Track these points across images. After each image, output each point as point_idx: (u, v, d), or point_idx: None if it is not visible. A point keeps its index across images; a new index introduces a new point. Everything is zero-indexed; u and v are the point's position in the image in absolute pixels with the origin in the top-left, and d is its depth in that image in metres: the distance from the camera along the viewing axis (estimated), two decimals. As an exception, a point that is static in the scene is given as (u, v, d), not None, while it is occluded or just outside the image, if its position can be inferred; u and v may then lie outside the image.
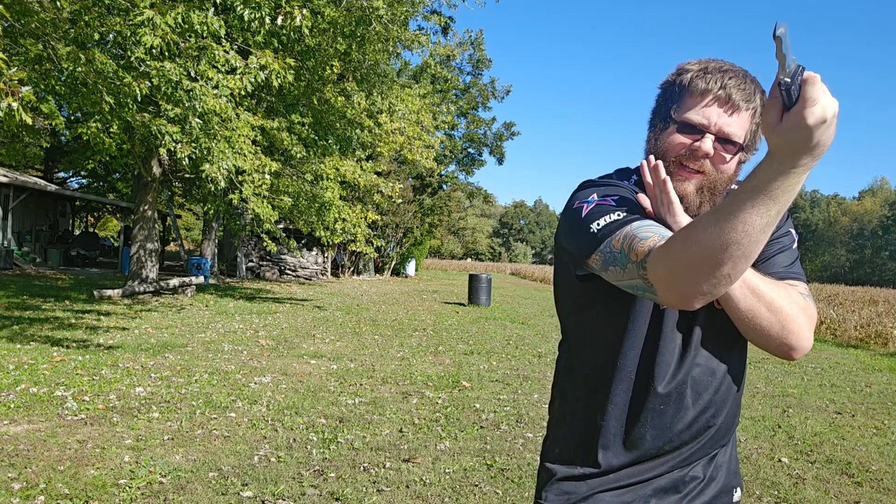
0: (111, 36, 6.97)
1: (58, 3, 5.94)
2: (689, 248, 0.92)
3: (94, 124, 7.65)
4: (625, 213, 1.12)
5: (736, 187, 1.29)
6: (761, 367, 8.44)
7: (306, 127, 11.50)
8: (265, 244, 11.74)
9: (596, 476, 1.25)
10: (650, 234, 1.05)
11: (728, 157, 1.18)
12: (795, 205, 76.13)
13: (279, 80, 6.80)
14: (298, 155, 11.03)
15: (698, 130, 1.17)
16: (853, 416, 5.86)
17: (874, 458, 4.52)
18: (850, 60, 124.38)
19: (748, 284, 1.09)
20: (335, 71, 10.62)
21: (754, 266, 1.17)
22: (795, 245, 1.30)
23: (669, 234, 1.05)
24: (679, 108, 1.19)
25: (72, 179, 29.51)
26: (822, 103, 0.80)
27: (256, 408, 5.05)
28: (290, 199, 11.88)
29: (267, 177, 9.20)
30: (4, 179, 17.18)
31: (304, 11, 6.62)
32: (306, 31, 6.82)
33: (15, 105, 4.71)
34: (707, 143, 1.16)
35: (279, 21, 6.54)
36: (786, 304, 1.12)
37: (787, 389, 6.97)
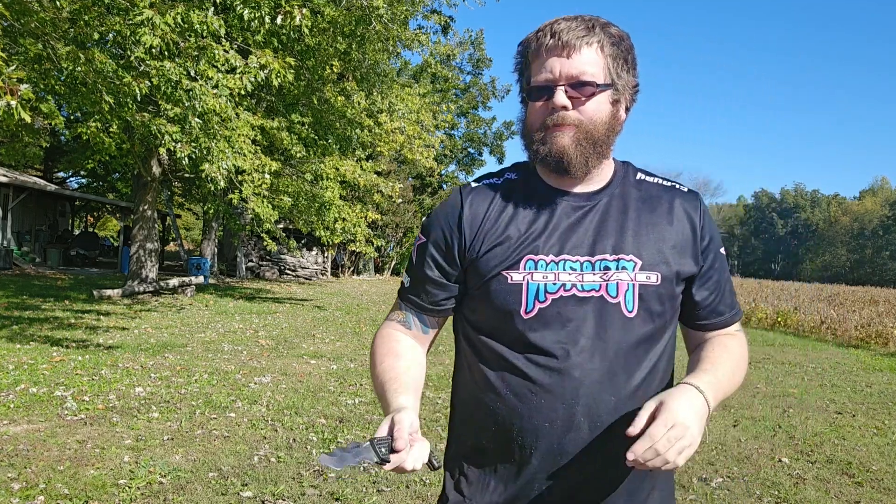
0: (111, 35, 6.96)
1: (57, 3, 5.93)
2: (373, 368, 1.22)
3: (93, 124, 7.64)
4: (409, 280, 1.26)
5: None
6: (762, 368, 8.43)
7: (306, 126, 11.49)
8: (265, 244, 11.75)
9: None
10: (394, 318, 1.27)
11: (585, 98, 1.09)
12: (796, 204, 76.14)
13: (279, 80, 6.79)
14: (298, 154, 11.02)
15: (547, 88, 1.10)
16: (854, 415, 5.86)
17: (875, 458, 4.51)
18: (850, 60, 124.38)
19: (717, 404, 1.13)
20: (335, 70, 10.61)
21: (698, 319, 1.24)
22: (727, 267, 1.27)
23: (395, 329, 1.25)
24: (528, 80, 1.14)
25: (71, 179, 29.50)
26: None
27: (256, 408, 5.05)
28: (290, 199, 11.88)
29: (267, 176, 9.20)
30: (4, 179, 17.17)
31: (304, 11, 6.61)
32: (306, 31, 6.80)
33: (14, 103, 4.69)
34: (558, 96, 1.09)
35: (279, 20, 6.52)
36: (739, 381, 1.21)
37: (788, 389, 6.96)
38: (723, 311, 1.24)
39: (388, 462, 0.94)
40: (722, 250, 1.25)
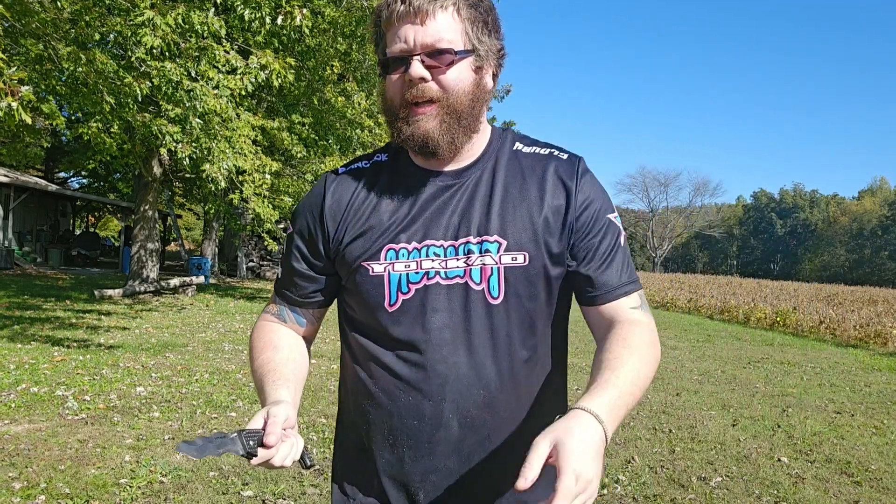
0: (112, 36, 6.97)
1: (58, 4, 5.95)
2: (251, 362, 1.16)
3: (94, 124, 7.67)
4: (281, 272, 1.22)
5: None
6: (761, 367, 8.45)
7: (307, 127, 11.52)
8: (266, 244, 11.76)
9: None
10: (269, 311, 1.23)
11: (444, 67, 1.01)
12: (795, 204, 76.13)
13: (279, 80, 6.81)
14: (299, 155, 11.05)
15: (403, 59, 1.02)
16: (852, 415, 5.87)
17: (873, 458, 4.52)
18: (850, 60, 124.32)
19: (633, 405, 1.00)
20: (335, 71, 10.63)
21: (583, 293, 1.10)
22: (620, 235, 1.12)
23: (272, 321, 1.22)
24: (383, 51, 1.06)
25: (72, 179, 29.52)
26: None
27: (257, 407, 5.05)
28: (291, 199, 11.90)
29: (267, 177, 9.20)
30: (5, 179, 17.19)
31: (305, 11, 6.62)
32: (306, 31, 6.82)
33: (14, 105, 4.71)
34: (415, 67, 1.00)
35: (279, 21, 6.53)
36: (650, 375, 1.04)
37: (787, 389, 6.98)
38: (608, 282, 1.09)
39: (255, 456, 0.91)
40: (610, 216, 1.11)
